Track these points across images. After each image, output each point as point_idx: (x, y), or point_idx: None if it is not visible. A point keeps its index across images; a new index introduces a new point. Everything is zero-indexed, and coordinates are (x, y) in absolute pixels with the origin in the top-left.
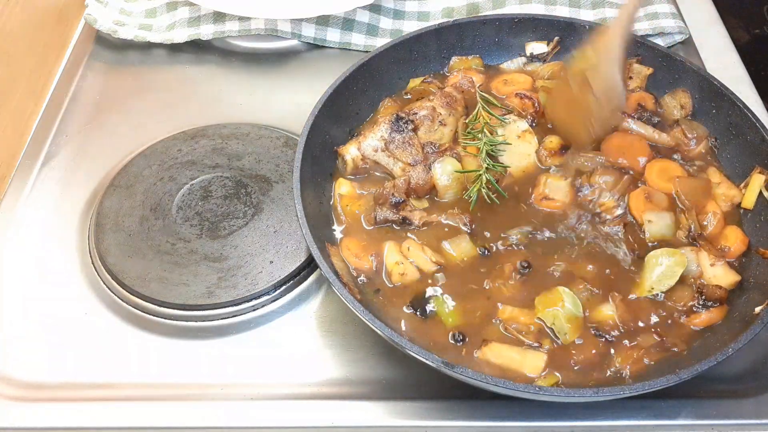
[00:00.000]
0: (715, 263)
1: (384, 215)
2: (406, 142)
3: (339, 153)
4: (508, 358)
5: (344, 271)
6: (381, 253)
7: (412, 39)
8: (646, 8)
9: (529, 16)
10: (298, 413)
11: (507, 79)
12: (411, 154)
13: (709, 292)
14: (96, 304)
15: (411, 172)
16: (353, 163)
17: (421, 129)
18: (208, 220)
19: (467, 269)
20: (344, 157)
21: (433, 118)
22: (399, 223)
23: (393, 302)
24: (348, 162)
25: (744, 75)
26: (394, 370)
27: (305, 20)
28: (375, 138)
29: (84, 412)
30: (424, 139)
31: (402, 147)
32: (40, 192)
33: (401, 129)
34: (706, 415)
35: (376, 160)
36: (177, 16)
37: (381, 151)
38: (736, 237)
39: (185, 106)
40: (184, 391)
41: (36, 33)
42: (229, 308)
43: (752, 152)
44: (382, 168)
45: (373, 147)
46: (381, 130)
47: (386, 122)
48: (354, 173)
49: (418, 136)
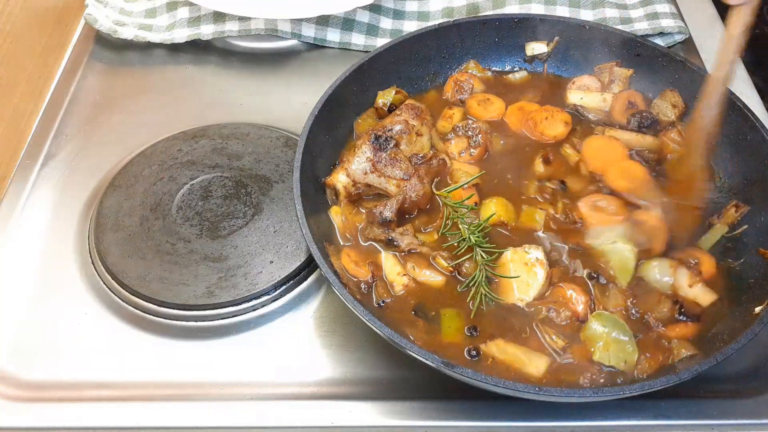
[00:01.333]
0: (693, 285)
1: (373, 234)
2: (393, 158)
3: (328, 184)
4: (512, 355)
5: (344, 271)
6: (379, 263)
7: (412, 39)
8: (645, 8)
9: (529, 17)
10: (298, 413)
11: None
12: (401, 169)
13: (688, 307)
14: (96, 304)
15: (406, 187)
16: (345, 191)
17: (402, 143)
18: (208, 220)
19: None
20: (335, 187)
21: (410, 131)
22: (385, 243)
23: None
24: (340, 190)
25: (744, 75)
26: (394, 370)
27: (305, 20)
28: (361, 161)
29: (84, 412)
30: (408, 153)
31: (390, 164)
32: (40, 192)
33: (384, 147)
34: (706, 415)
35: (367, 183)
36: (177, 16)
37: (371, 173)
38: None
39: (185, 106)
40: (184, 391)
41: (36, 33)
42: (229, 308)
43: (752, 152)
44: (376, 189)
45: (362, 170)
46: (364, 152)
47: (367, 143)
48: (349, 200)
49: (402, 151)
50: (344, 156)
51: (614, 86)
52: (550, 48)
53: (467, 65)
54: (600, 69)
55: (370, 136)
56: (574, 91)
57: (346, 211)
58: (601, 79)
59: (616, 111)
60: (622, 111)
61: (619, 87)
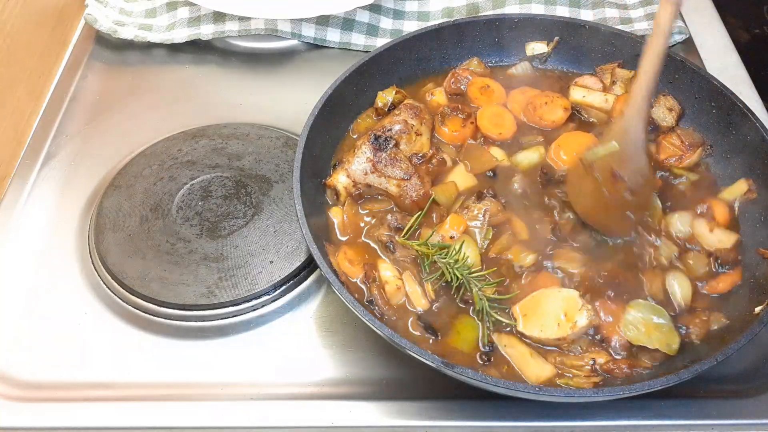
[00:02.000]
0: (714, 228)
1: (378, 233)
2: (392, 158)
3: (328, 185)
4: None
5: (340, 270)
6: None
7: (412, 39)
8: (645, 8)
9: (529, 17)
10: (298, 413)
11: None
12: (401, 169)
13: (722, 255)
14: (96, 304)
15: (407, 187)
16: (345, 192)
17: (401, 143)
18: (208, 220)
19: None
20: (336, 188)
21: (409, 131)
22: (384, 245)
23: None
24: (340, 191)
25: (744, 75)
26: (394, 370)
27: (305, 20)
28: (361, 161)
29: (84, 412)
30: (408, 152)
31: (391, 164)
32: (40, 192)
33: (383, 147)
34: (706, 415)
35: (368, 183)
36: (177, 16)
37: (371, 173)
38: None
39: (185, 106)
40: (184, 391)
41: (36, 33)
42: (229, 308)
43: (752, 152)
44: (376, 190)
45: (362, 170)
46: (364, 152)
47: (366, 143)
48: (352, 199)
49: (402, 151)
50: (344, 156)
51: (616, 88)
52: (550, 48)
53: (470, 62)
54: (602, 70)
55: (369, 136)
56: (577, 88)
57: (348, 210)
58: (603, 79)
59: (616, 112)
60: (621, 113)
61: (621, 89)
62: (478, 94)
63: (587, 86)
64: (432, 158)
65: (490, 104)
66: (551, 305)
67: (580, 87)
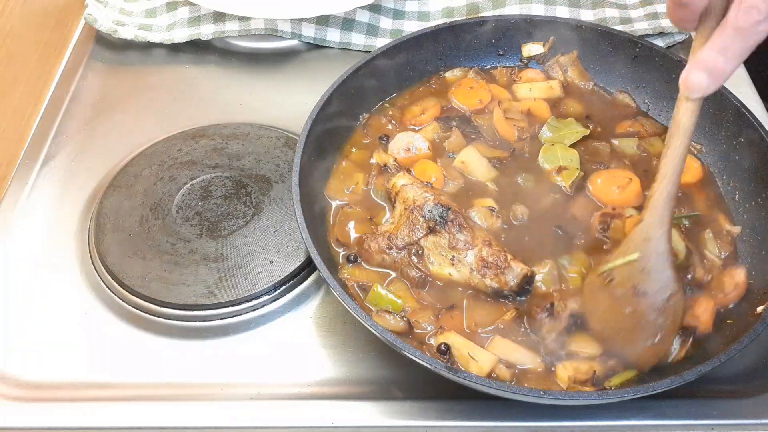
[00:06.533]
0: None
1: (377, 243)
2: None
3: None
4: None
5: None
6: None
7: (410, 41)
8: (646, 8)
9: (525, 18)
10: (298, 413)
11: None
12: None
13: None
14: (96, 304)
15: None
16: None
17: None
18: (208, 220)
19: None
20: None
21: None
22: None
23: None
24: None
25: (744, 75)
26: (394, 370)
27: (305, 20)
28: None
29: (84, 412)
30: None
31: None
32: (40, 192)
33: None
34: (706, 415)
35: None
36: (177, 16)
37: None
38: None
39: (185, 106)
40: (184, 391)
41: (36, 33)
42: (229, 308)
43: (751, 152)
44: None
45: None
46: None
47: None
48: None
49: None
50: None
51: (556, 72)
52: (546, 48)
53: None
54: (549, 66)
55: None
56: (521, 84)
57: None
58: (547, 70)
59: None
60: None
61: (558, 71)
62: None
63: (531, 78)
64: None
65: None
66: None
67: (524, 83)
